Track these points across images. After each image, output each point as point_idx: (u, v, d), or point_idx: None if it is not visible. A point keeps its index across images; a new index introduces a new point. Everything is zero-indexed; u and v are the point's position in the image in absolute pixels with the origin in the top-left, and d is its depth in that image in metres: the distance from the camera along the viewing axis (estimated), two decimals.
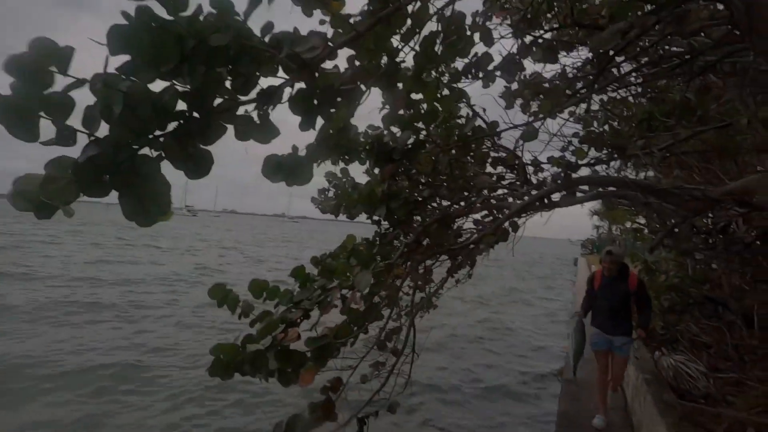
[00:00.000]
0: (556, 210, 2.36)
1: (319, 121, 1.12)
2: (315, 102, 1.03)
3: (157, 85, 0.80)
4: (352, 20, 1.11)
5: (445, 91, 1.96)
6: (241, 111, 0.90)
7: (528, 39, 2.07)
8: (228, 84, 0.87)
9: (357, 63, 1.29)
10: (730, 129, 2.11)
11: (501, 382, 6.91)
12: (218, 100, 0.85)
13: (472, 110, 1.99)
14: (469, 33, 1.58)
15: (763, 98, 2.21)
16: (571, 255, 38.08)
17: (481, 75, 1.78)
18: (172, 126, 0.80)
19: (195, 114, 0.82)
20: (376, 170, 2.25)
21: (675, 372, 3.77)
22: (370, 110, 1.51)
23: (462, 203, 2.16)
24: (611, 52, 1.85)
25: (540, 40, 2.10)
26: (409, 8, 1.34)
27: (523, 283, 20.71)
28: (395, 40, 1.29)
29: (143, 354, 7.02)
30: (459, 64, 1.91)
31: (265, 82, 0.93)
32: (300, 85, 1.01)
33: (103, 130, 0.74)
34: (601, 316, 3.73)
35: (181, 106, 0.82)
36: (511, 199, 2.43)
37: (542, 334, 10.53)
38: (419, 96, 1.68)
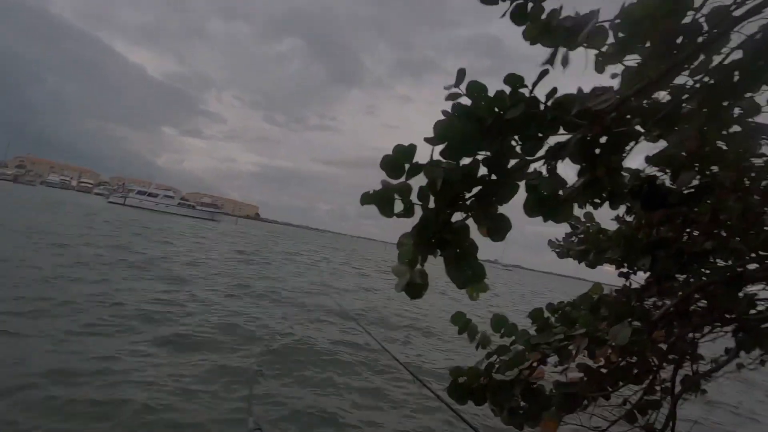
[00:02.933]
0: None
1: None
2: (596, 151, 1.06)
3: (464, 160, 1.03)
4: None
5: (735, 128, 1.62)
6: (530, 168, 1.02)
7: None
8: (518, 148, 1.01)
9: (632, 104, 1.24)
10: None
11: None
12: (512, 162, 1.00)
13: None
14: None
15: None
16: None
17: None
18: (476, 190, 1.00)
19: (493, 177, 0.99)
20: (630, 217, 2.03)
21: None
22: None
23: (758, 265, 1.67)
24: None
25: None
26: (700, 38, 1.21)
27: None
28: (683, 76, 1.19)
29: None
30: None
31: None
32: (580, 136, 1.06)
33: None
34: None
35: (482, 171, 1.01)
36: None
37: None
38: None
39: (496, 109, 1.01)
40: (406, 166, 0.97)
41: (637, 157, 1.66)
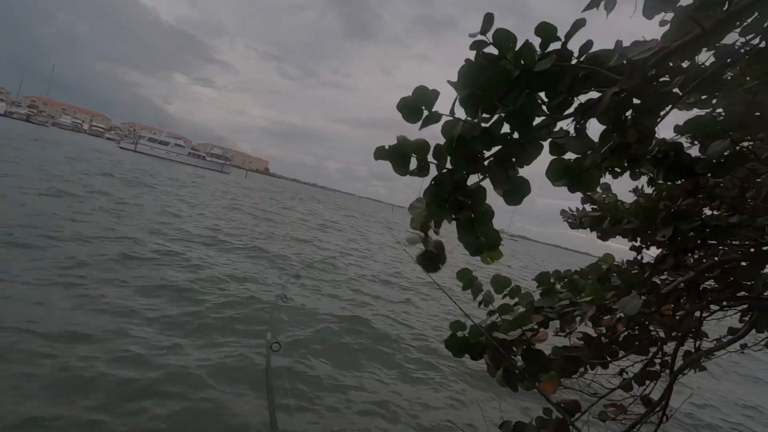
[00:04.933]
0: None
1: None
2: (629, 113, 0.98)
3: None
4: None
5: None
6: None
7: None
8: (544, 106, 0.94)
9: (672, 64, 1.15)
10: None
11: None
12: (537, 121, 0.93)
13: None
14: None
15: None
16: None
17: None
18: (496, 150, 0.93)
19: (515, 135, 0.92)
20: (649, 189, 1.95)
21: None
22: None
23: None
24: None
25: None
26: None
27: None
28: (735, 34, 1.08)
29: None
30: None
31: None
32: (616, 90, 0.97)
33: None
34: None
35: (505, 129, 0.94)
36: None
37: None
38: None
39: (523, 63, 0.93)
40: (425, 112, 0.91)
41: (661, 129, 1.58)
